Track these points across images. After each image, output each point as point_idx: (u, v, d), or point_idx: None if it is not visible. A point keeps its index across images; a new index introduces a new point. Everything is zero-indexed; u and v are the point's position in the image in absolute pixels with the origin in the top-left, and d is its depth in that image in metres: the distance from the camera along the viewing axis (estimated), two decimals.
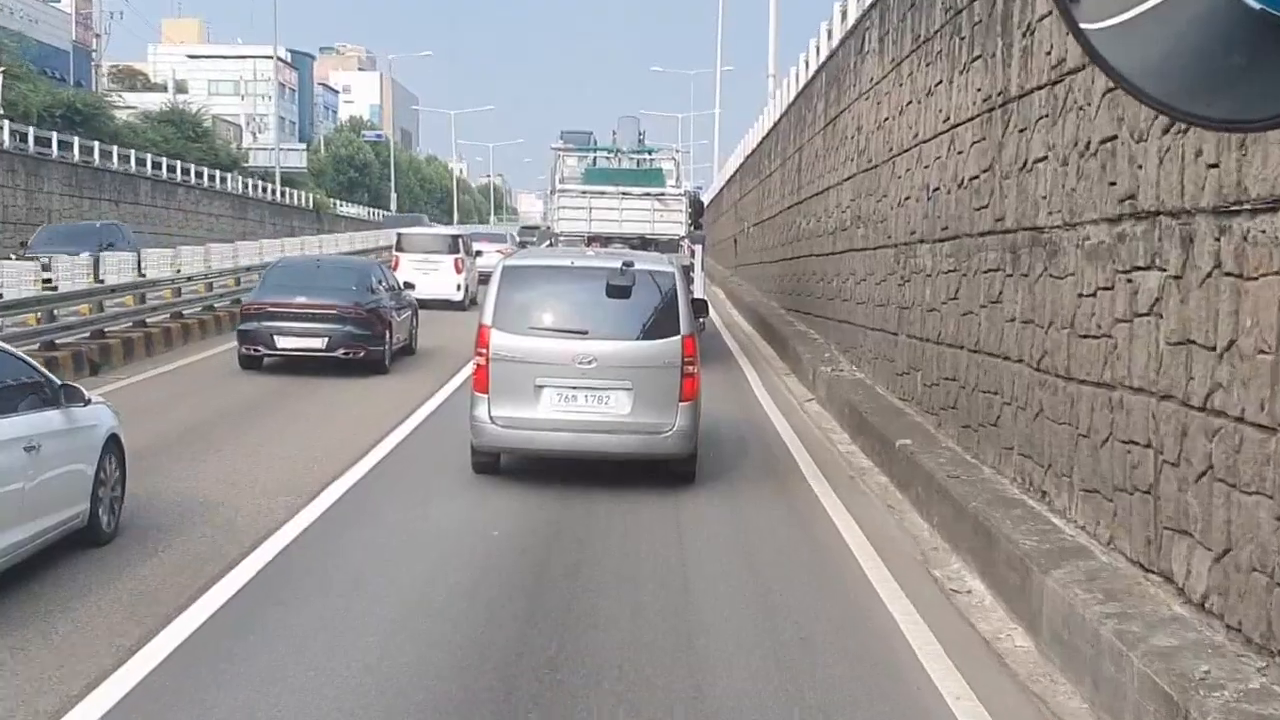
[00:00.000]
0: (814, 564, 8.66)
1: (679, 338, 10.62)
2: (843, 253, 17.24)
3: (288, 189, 69.89)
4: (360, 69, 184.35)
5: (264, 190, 68.32)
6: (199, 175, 56.34)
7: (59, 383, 8.42)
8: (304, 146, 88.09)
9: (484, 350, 10.57)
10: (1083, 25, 2.16)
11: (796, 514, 10.21)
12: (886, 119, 14.16)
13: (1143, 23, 2.04)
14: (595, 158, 23.40)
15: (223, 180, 62.02)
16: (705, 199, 66.24)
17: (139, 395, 15.37)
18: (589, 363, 10.42)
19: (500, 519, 9.58)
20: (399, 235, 33.44)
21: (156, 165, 51.42)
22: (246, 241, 33.44)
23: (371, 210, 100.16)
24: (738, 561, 8.65)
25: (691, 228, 21.06)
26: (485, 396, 10.54)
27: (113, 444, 8.76)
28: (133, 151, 49.68)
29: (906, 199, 12.88)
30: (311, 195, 71.74)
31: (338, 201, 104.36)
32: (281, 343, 17.83)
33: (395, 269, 26.26)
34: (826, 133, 19.38)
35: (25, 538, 7.36)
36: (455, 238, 32.63)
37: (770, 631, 7.01)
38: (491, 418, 10.52)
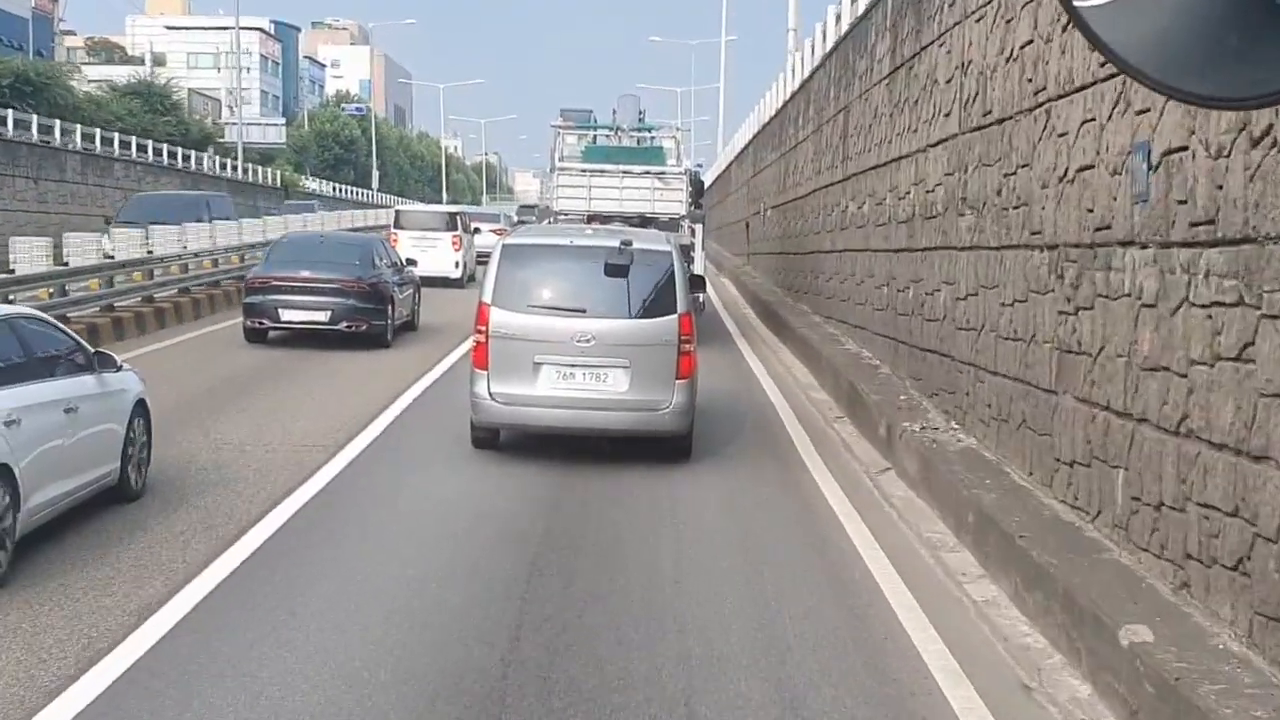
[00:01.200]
0: None
1: (676, 316, 10.74)
2: (929, 250, 11.92)
3: (251, 165, 63.97)
4: (353, 43, 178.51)
5: (224, 167, 62.65)
6: (143, 150, 50.72)
7: (93, 349, 9.21)
8: (283, 121, 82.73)
9: (483, 328, 10.69)
10: (1075, 3, 2.09)
11: None
12: (1027, 45, 8.83)
13: (1134, 2, 2.01)
14: (595, 136, 23.36)
15: (186, 159, 56.60)
16: (709, 178, 62.42)
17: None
18: (587, 340, 10.54)
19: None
20: (397, 213, 33.75)
21: (93, 139, 45.84)
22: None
23: (347, 189, 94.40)
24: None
25: (692, 207, 20.86)
26: (485, 373, 10.67)
27: (140, 407, 9.40)
28: (59, 123, 44.12)
29: (1084, 171, 7.57)
30: (280, 173, 66.05)
31: (313, 180, 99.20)
32: (286, 315, 18.30)
33: (393, 246, 25.68)
34: (894, 81, 13.99)
35: (64, 492, 8.04)
36: (453, 215, 32.73)
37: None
38: (491, 394, 10.67)
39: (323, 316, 18.37)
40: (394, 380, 15.20)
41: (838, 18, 19.66)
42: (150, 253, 23.15)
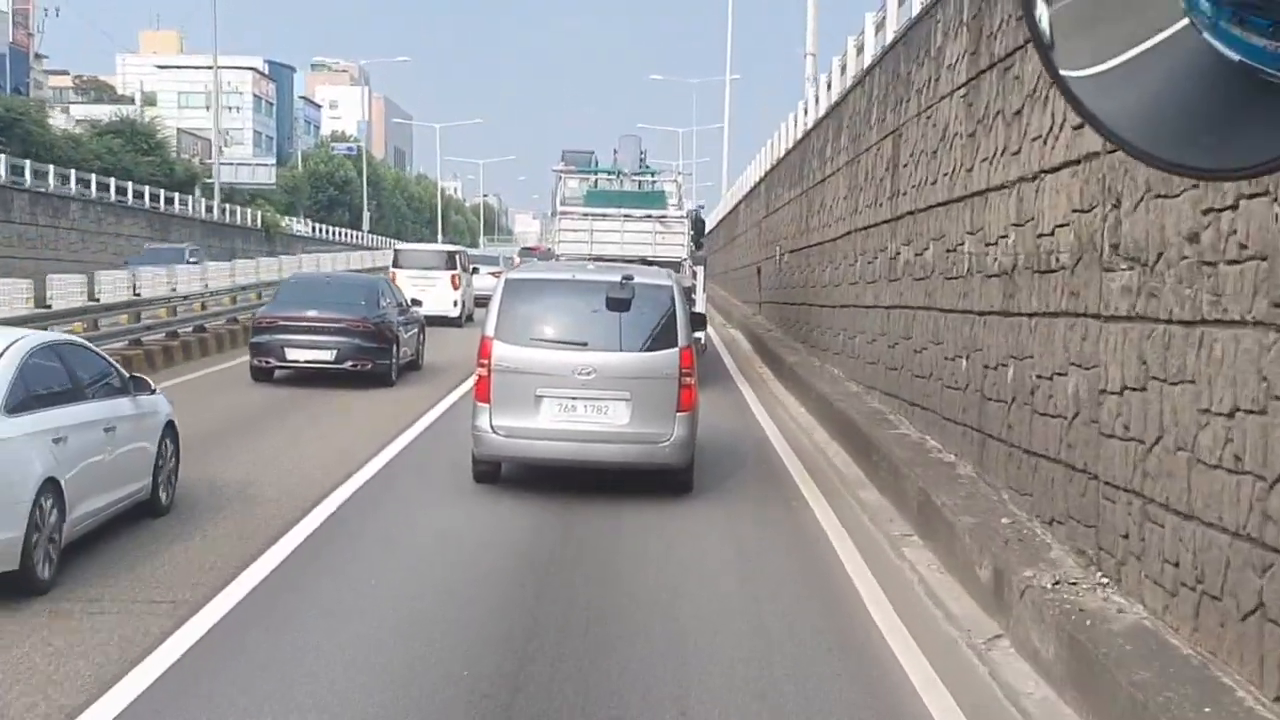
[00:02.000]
0: None
1: (677, 349, 10.83)
2: (1043, 316, 8.52)
3: (230, 206, 60.57)
4: (352, 84, 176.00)
5: (199, 207, 59.28)
6: (104, 189, 47.38)
7: (128, 374, 9.94)
8: (272, 162, 79.89)
9: (486, 361, 10.80)
10: (1062, 72, 2.05)
11: None
12: None
13: (1121, 74, 1.97)
14: (597, 180, 23.64)
15: (155, 198, 53.30)
16: (712, 219, 59.62)
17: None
18: (588, 374, 10.65)
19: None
20: (396, 251, 34.97)
21: (42, 176, 42.52)
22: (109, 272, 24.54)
23: (343, 231, 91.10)
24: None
25: (693, 248, 21.12)
26: (487, 406, 10.78)
27: (169, 428, 10.20)
28: (3, 158, 40.83)
29: None
30: (260, 213, 62.70)
31: (303, 220, 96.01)
32: (292, 354, 18.82)
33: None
34: (978, 90, 10.60)
35: (104, 505, 8.83)
36: (452, 254, 33.58)
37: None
38: (493, 427, 10.78)
39: (328, 355, 18.75)
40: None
41: (878, 25, 16.33)
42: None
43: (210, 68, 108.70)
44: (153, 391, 9.99)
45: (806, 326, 22.44)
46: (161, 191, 56.16)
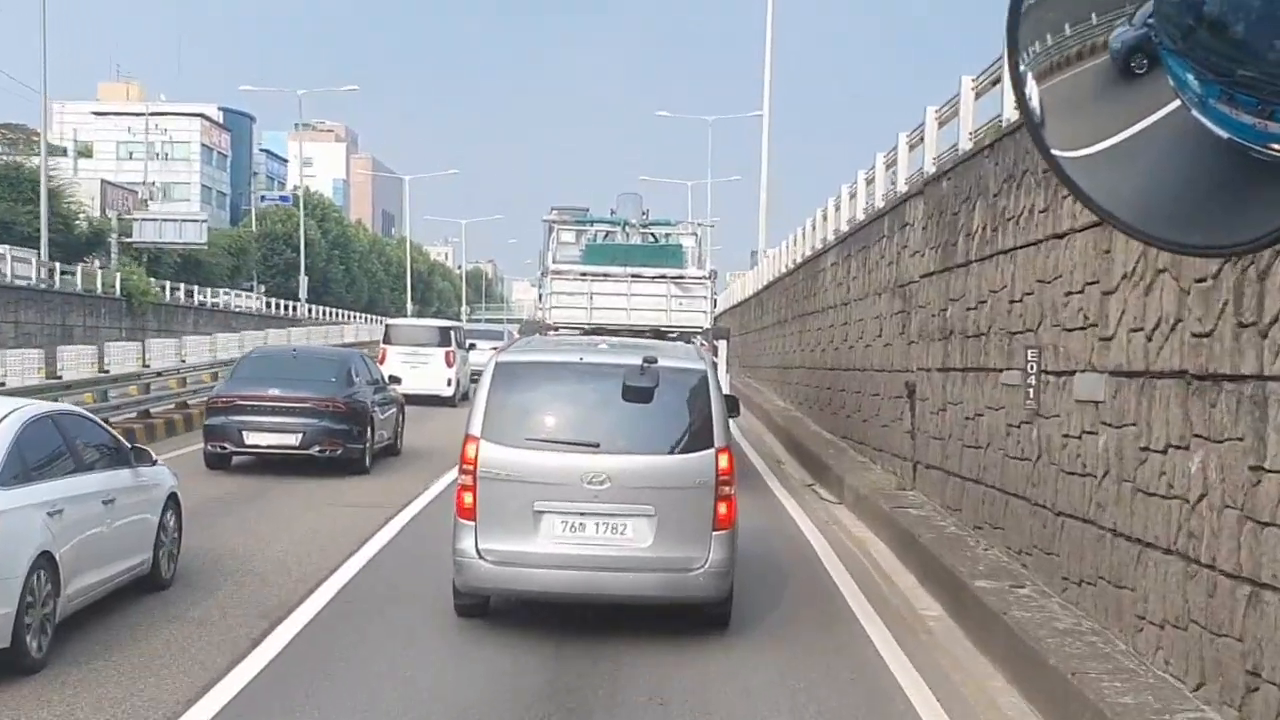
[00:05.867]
0: None
1: (712, 451, 9.16)
2: None
3: (69, 269, 45.90)
4: (338, 142, 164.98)
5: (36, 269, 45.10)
6: None
7: (129, 445, 10.15)
8: (203, 218, 67.81)
9: (470, 467, 9.14)
10: (1054, 152, 2.17)
11: None
12: None
13: (1113, 154, 2.06)
14: (597, 232, 20.57)
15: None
16: (737, 294, 49.80)
17: None
18: (601, 482, 9.00)
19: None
20: (387, 326, 34.55)
21: None
22: None
23: (282, 304, 77.88)
24: None
25: (713, 318, 19.06)
26: (472, 525, 9.12)
27: (172, 500, 10.41)
28: None
29: None
30: (118, 277, 49.19)
31: (255, 286, 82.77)
32: (251, 439, 17.44)
33: (381, 362, 26.96)
34: None
35: (102, 579, 8.94)
36: (446, 329, 33.15)
37: None
38: (479, 552, 9.10)
39: (293, 440, 17.42)
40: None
41: None
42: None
43: (155, 114, 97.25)
44: (154, 463, 10.20)
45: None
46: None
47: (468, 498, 9.08)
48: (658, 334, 16.99)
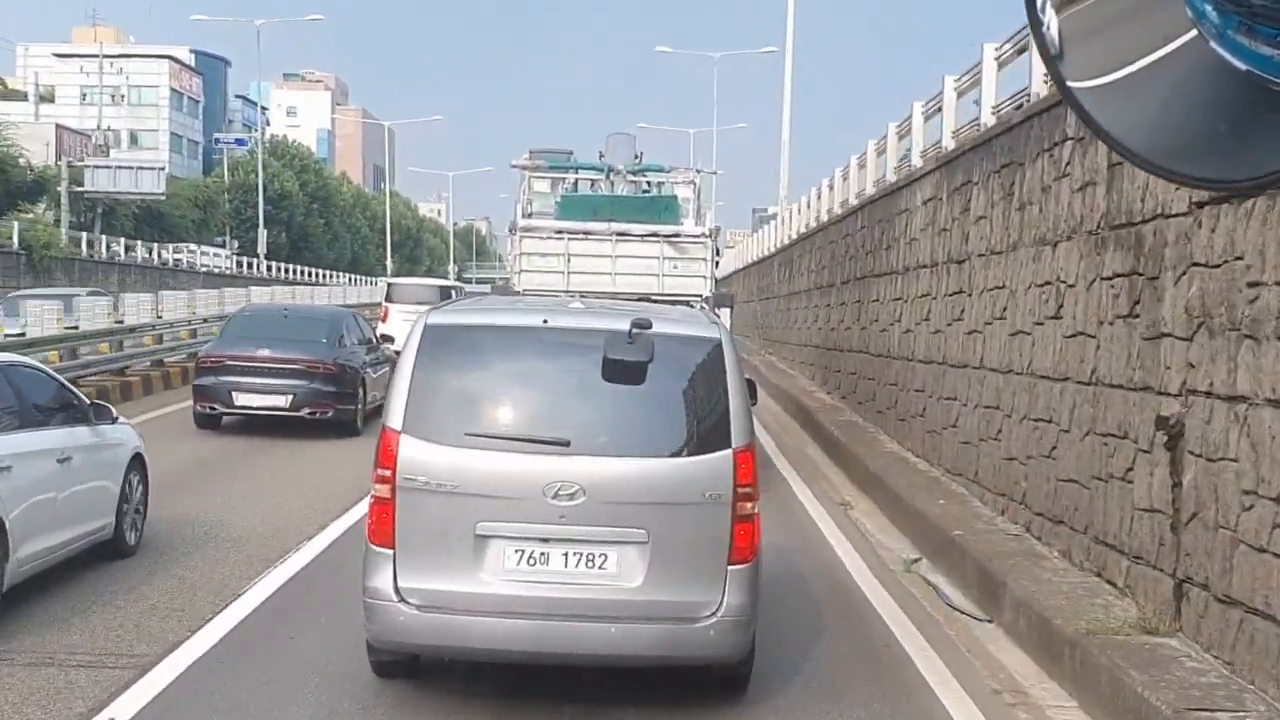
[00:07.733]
0: None
1: (729, 453, 6.85)
2: None
3: None
4: (327, 91, 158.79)
5: None
6: None
7: (89, 401, 9.71)
8: (160, 165, 62.30)
9: (388, 472, 6.81)
10: (1069, 83, 2.15)
11: None
12: None
13: (1128, 84, 2.04)
14: (576, 181, 18.18)
15: None
16: (750, 254, 44.97)
17: None
18: (571, 496, 6.69)
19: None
20: (389, 285, 34.48)
21: None
22: None
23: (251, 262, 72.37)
24: None
25: (714, 284, 16.77)
26: (389, 553, 6.81)
27: (136, 463, 9.93)
28: None
29: None
30: (15, 227, 43.82)
31: (226, 240, 76.91)
32: (240, 400, 17.51)
33: (384, 320, 27.62)
34: None
35: (56, 544, 8.50)
36: (449, 288, 33.25)
37: None
38: (399, 592, 6.79)
39: (283, 401, 17.44)
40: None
41: None
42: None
43: (119, 56, 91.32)
44: (114, 420, 9.69)
45: None
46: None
47: (384, 516, 6.89)
48: (649, 303, 14.23)
